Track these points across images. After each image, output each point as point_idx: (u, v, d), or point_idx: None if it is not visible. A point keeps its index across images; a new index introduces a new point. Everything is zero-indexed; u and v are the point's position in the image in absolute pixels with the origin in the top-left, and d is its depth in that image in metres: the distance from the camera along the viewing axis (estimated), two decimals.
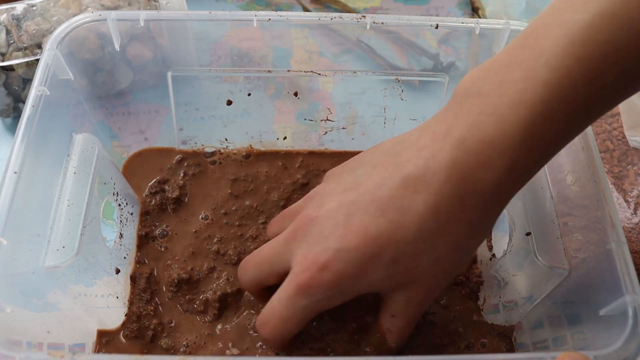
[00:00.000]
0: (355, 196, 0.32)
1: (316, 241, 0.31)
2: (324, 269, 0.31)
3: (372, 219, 0.30)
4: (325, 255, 0.31)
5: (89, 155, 0.39)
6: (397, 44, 0.50)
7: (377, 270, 0.31)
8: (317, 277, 0.31)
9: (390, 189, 0.31)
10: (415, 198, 0.30)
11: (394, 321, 0.34)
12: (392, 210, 0.30)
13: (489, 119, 0.29)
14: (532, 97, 0.28)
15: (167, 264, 0.42)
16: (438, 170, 0.29)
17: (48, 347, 0.34)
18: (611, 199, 0.34)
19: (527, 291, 0.39)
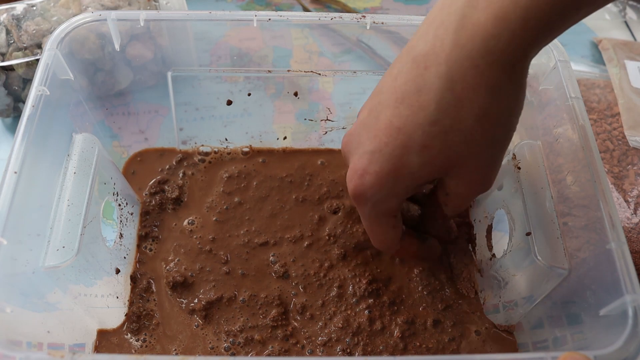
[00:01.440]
0: (379, 98, 0.32)
1: (354, 149, 0.33)
2: (364, 174, 0.32)
3: (394, 111, 0.30)
4: (362, 161, 0.32)
5: (89, 155, 0.39)
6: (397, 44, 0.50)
7: (413, 159, 0.31)
8: (360, 184, 0.32)
9: (404, 73, 0.30)
10: (427, 74, 0.29)
11: (447, 198, 0.35)
12: (410, 95, 0.30)
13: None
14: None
15: (167, 264, 0.42)
16: (445, 37, 0.28)
17: (48, 347, 0.34)
18: (611, 199, 0.34)
19: (527, 291, 0.39)
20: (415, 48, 0.30)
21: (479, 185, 0.33)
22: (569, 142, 0.37)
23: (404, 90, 0.30)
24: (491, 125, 0.30)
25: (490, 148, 0.31)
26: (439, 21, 0.29)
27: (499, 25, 0.27)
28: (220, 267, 0.42)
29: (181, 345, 0.39)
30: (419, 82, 0.29)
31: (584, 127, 0.37)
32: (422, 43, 0.29)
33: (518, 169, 0.40)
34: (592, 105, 0.52)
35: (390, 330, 0.39)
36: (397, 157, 0.31)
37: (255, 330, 0.39)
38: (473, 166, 0.32)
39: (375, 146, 0.31)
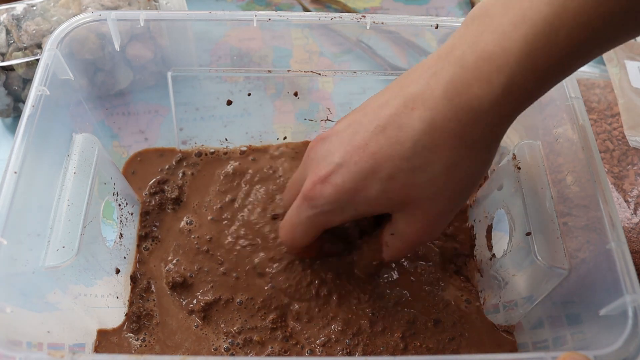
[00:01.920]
0: (361, 116, 0.33)
1: (323, 157, 0.34)
2: (325, 182, 0.33)
3: (372, 135, 0.32)
4: (328, 169, 0.33)
5: (89, 155, 0.39)
6: (397, 44, 0.50)
7: (374, 185, 0.32)
8: (319, 189, 0.33)
9: (391, 107, 0.32)
10: (413, 115, 0.31)
11: (392, 239, 0.36)
12: (391, 127, 0.31)
13: (491, 37, 0.29)
14: (535, 15, 0.28)
15: (166, 264, 0.42)
16: (436, 88, 0.30)
17: (48, 347, 0.34)
18: (611, 199, 0.34)
19: (527, 291, 0.39)
20: (408, 88, 0.32)
21: (427, 232, 0.35)
22: (569, 142, 0.37)
23: (388, 121, 0.32)
24: (458, 177, 0.32)
25: (449, 198, 0.33)
26: (434, 71, 0.31)
27: (483, 87, 0.29)
28: (217, 267, 0.42)
29: (181, 345, 0.39)
30: (403, 119, 0.31)
31: (584, 127, 0.37)
32: (415, 86, 0.31)
33: (518, 169, 0.40)
34: (592, 105, 0.52)
35: (391, 331, 0.39)
36: (362, 178, 0.32)
37: (254, 332, 0.39)
38: (428, 210, 0.33)
39: (344, 161, 0.33)
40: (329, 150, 0.34)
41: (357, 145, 0.32)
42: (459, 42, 0.31)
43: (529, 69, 0.29)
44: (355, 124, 0.33)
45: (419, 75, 0.32)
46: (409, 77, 0.33)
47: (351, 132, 0.33)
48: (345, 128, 0.34)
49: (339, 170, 0.33)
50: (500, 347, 0.40)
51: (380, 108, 0.32)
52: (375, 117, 0.32)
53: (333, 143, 0.34)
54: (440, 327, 0.40)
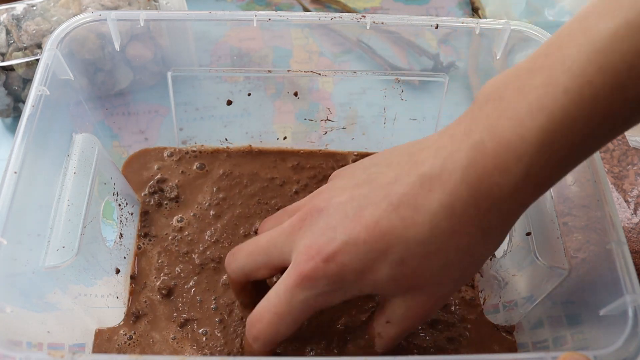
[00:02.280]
0: (368, 191, 0.31)
1: (322, 232, 0.30)
2: (329, 260, 0.30)
3: (384, 213, 0.30)
4: (332, 246, 0.30)
5: (89, 155, 0.39)
6: (397, 44, 0.50)
7: (383, 269, 0.30)
8: (321, 268, 0.30)
9: (405, 185, 0.30)
10: (430, 197, 0.29)
11: (387, 327, 0.33)
12: (406, 207, 0.29)
13: (508, 123, 0.28)
14: (551, 103, 0.27)
15: (164, 265, 0.42)
16: (454, 171, 0.29)
17: (48, 347, 0.34)
18: (611, 199, 0.34)
19: (527, 291, 0.39)
20: (422, 166, 0.30)
21: (425, 315, 0.32)
22: None
23: (401, 200, 0.30)
24: (469, 262, 0.31)
25: (455, 282, 0.32)
26: (449, 151, 0.30)
27: (503, 176, 0.28)
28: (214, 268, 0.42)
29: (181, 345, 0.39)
30: (419, 200, 0.29)
31: None
32: (430, 165, 0.30)
33: None
34: None
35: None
36: (371, 259, 0.30)
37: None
38: (433, 294, 0.31)
39: (351, 238, 0.30)
40: (329, 224, 0.30)
41: (365, 222, 0.30)
42: (474, 125, 0.29)
43: (547, 157, 0.28)
44: (360, 198, 0.31)
45: (432, 154, 0.30)
46: (420, 153, 0.31)
47: (357, 207, 0.30)
48: (347, 201, 0.31)
49: (345, 248, 0.30)
50: (500, 347, 0.40)
51: (391, 184, 0.30)
52: (385, 194, 0.30)
53: (333, 216, 0.31)
54: (439, 327, 0.40)
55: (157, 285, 0.41)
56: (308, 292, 0.31)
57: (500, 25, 0.41)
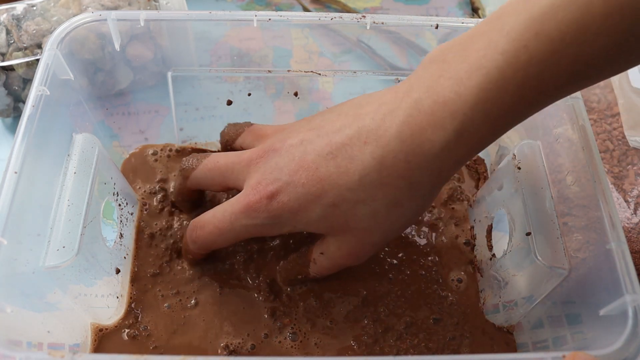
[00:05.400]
0: (315, 137, 0.34)
1: (271, 170, 0.34)
2: (271, 197, 0.34)
3: (323, 160, 0.33)
4: (276, 185, 0.34)
5: (89, 155, 0.39)
6: (397, 44, 0.50)
7: (316, 209, 0.33)
8: (264, 203, 0.34)
9: (345, 136, 0.33)
10: (364, 149, 0.32)
11: (321, 258, 0.37)
12: (342, 156, 0.33)
13: (447, 82, 0.30)
14: (489, 63, 0.29)
15: (167, 264, 0.42)
16: (390, 127, 0.31)
17: (48, 347, 0.34)
18: (611, 199, 0.34)
19: (527, 291, 0.39)
20: (363, 120, 0.33)
21: (355, 257, 0.36)
22: (569, 142, 0.37)
23: (339, 149, 0.33)
24: (397, 214, 0.33)
25: (384, 232, 0.35)
26: (390, 108, 0.32)
27: (436, 132, 0.30)
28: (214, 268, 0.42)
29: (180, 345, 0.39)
30: (355, 151, 0.32)
31: (584, 127, 0.37)
32: (370, 119, 0.32)
33: (518, 169, 0.40)
34: (592, 105, 0.52)
35: (392, 331, 0.39)
36: (306, 201, 0.33)
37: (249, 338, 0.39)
38: (361, 239, 0.35)
39: (292, 180, 0.34)
40: (278, 165, 0.34)
41: (306, 167, 0.33)
42: (416, 84, 0.31)
43: (482, 116, 0.30)
44: (307, 143, 0.34)
45: (375, 108, 0.33)
46: (365, 106, 0.33)
47: (303, 151, 0.34)
48: (297, 144, 0.34)
49: (286, 189, 0.34)
50: (500, 347, 0.40)
51: (334, 133, 0.33)
52: (328, 142, 0.33)
53: (283, 158, 0.34)
54: (439, 326, 0.40)
55: (157, 284, 0.41)
56: (250, 220, 0.35)
57: None
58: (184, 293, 0.41)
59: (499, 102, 0.29)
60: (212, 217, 0.37)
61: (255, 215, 0.35)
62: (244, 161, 0.36)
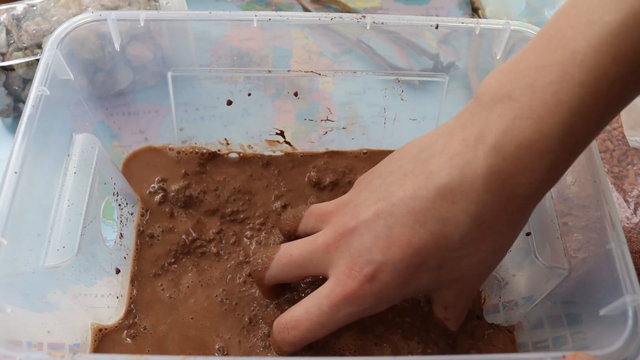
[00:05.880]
0: (391, 207, 0.32)
1: (359, 253, 0.32)
2: (372, 280, 0.32)
3: (412, 231, 0.31)
4: (372, 267, 0.32)
5: (89, 155, 0.39)
6: (397, 44, 0.50)
7: (423, 277, 0.32)
8: (366, 288, 0.32)
9: (426, 200, 0.31)
10: (454, 209, 0.30)
11: (448, 312, 0.36)
12: (432, 221, 0.30)
13: (526, 123, 0.29)
14: (569, 98, 0.28)
15: (167, 264, 0.42)
16: (475, 180, 0.29)
17: (48, 347, 0.34)
18: (611, 199, 0.34)
19: (527, 291, 0.39)
20: (439, 177, 0.30)
21: (472, 293, 0.36)
22: None
23: (427, 216, 0.31)
24: (501, 252, 0.33)
25: (491, 268, 0.34)
26: (466, 160, 0.30)
27: (527, 176, 0.29)
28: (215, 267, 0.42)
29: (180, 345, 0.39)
30: (443, 213, 0.30)
31: None
32: (447, 175, 0.30)
33: None
34: None
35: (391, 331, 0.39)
36: (410, 273, 0.32)
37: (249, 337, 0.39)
38: (475, 281, 0.34)
39: (388, 258, 0.31)
40: (364, 245, 0.32)
41: (397, 242, 0.31)
42: (486, 128, 0.29)
43: (569, 147, 0.29)
44: (385, 215, 0.32)
45: (446, 162, 0.30)
46: (432, 161, 0.31)
47: (384, 225, 0.32)
48: (374, 219, 0.32)
49: (385, 268, 0.32)
50: (500, 347, 0.40)
51: (411, 199, 0.31)
52: (409, 210, 0.31)
53: (365, 237, 0.32)
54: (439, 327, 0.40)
55: (157, 284, 0.41)
56: (355, 307, 0.33)
57: (500, 25, 0.41)
58: (184, 293, 0.41)
59: (584, 130, 0.29)
60: (305, 314, 0.34)
61: (361, 302, 0.33)
62: (321, 248, 0.34)
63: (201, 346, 0.39)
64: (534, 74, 0.29)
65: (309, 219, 0.38)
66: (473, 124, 0.30)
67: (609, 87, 0.28)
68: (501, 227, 0.31)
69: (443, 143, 0.31)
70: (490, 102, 0.30)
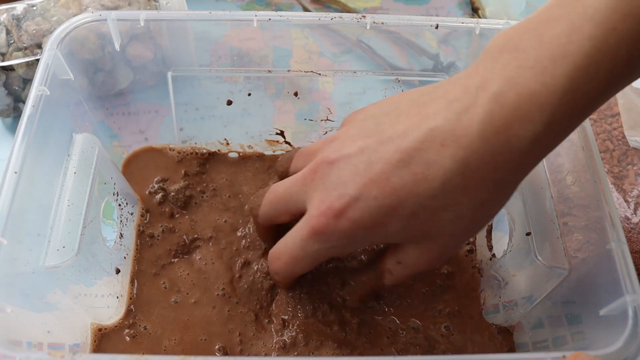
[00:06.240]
0: (377, 144, 0.31)
1: (334, 186, 0.31)
2: (340, 216, 0.30)
3: (394, 169, 0.30)
4: (342, 202, 0.30)
5: (89, 155, 0.39)
6: (397, 44, 0.50)
7: (395, 222, 0.30)
8: (332, 224, 0.31)
9: (415, 140, 0.29)
10: (442, 152, 0.29)
11: (398, 267, 0.34)
12: (417, 162, 0.29)
13: (529, 73, 0.28)
14: (576, 50, 0.27)
15: (167, 264, 0.42)
16: (469, 125, 0.28)
17: (48, 347, 0.34)
18: (611, 199, 0.34)
19: (527, 291, 0.39)
20: (433, 120, 0.29)
21: (437, 261, 0.33)
22: (569, 142, 0.37)
23: (412, 155, 0.29)
24: (481, 215, 0.31)
25: (467, 233, 0.33)
26: (465, 106, 0.29)
27: (525, 127, 0.28)
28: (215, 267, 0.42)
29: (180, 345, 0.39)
30: (431, 155, 0.29)
31: (584, 127, 0.37)
32: (443, 119, 0.29)
33: None
34: None
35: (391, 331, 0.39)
36: (382, 215, 0.30)
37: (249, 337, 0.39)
38: (445, 243, 0.32)
39: (362, 194, 0.30)
40: (340, 179, 0.31)
41: (375, 179, 0.30)
42: (490, 76, 0.29)
43: (571, 104, 0.28)
44: (370, 151, 0.30)
45: (444, 106, 0.30)
46: (430, 104, 0.30)
47: (366, 161, 0.30)
48: (357, 153, 0.31)
49: (356, 205, 0.30)
50: (500, 347, 0.40)
51: (401, 138, 0.30)
52: (395, 149, 0.30)
53: (344, 170, 0.31)
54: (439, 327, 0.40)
55: (157, 284, 0.41)
56: (321, 244, 0.32)
57: (500, 25, 0.41)
58: (184, 293, 0.41)
59: (589, 88, 0.28)
60: (284, 247, 0.34)
61: (326, 239, 0.31)
62: (299, 181, 0.33)
63: (201, 346, 0.39)
64: (544, 27, 0.29)
65: (299, 159, 0.36)
66: (477, 73, 0.30)
67: (617, 45, 0.27)
68: (486, 181, 0.29)
69: (445, 89, 0.31)
70: (497, 53, 0.29)
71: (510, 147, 0.28)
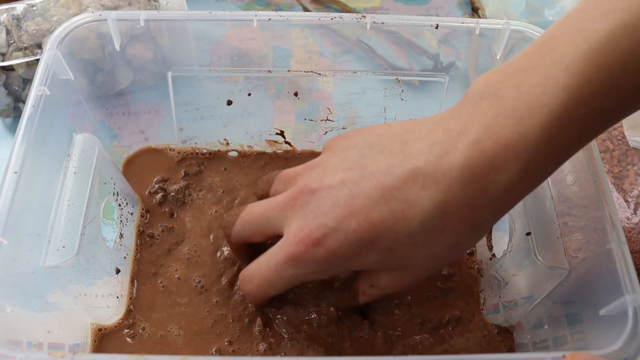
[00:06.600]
0: (359, 178, 0.31)
1: (314, 215, 0.32)
2: (317, 245, 0.31)
3: (375, 205, 0.30)
4: (321, 232, 0.31)
5: (89, 155, 0.39)
6: (397, 44, 0.50)
7: (371, 254, 0.31)
8: (310, 252, 0.32)
9: (397, 178, 0.30)
10: (422, 193, 0.30)
11: (371, 289, 0.35)
12: (397, 200, 0.30)
13: (507, 121, 0.29)
14: (551, 101, 0.28)
15: (167, 264, 0.42)
16: (449, 170, 0.29)
17: (48, 347, 0.34)
18: (611, 199, 0.34)
19: (527, 291, 0.39)
20: (415, 160, 0.30)
21: (408, 286, 0.34)
22: None
23: (393, 193, 0.30)
24: (456, 251, 0.32)
25: (440, 265, 0.34)
26: (445, 149, 0.30)
27: (500, 174, 0.29)
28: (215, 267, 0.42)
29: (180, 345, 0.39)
30: (411, 195, 0.30)
31: None
32: (424, 160, 0.30)
33: None
34: None
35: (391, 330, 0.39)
36: (359, 247, 0.31)
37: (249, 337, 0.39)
38: (418, 274, 0.33)
39: (341, 226, 0.31)
40: (320, 209, 0.31)
41: (355, 212, 0.31)
42: (470, 122, 0.30)
43: (546, 153, 0.29)
44: (351, 184, 0.31)
45: (426, 147, 0.30)
46: (413, 144, 0.31)
47: (347, 194, 0.31)
48: (339, 185, 0.32)
49: (335, 235, 0.31)
50: (500, 347, 0.40)
51: (383, 174, 0.31)
52: (377, 185, 0.30)
53: (325, 200, 0.32)
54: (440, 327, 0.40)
55: (157, 284, 0.41)
56: (297, 270, 0.33)
57: (500, 25, 0.41)
58: (184, 293, 0.41)
59: (563, 137, 0.29)
60: (257, 269, 0.35)
61: (303, 265, 0.32)
62: (279, 205, 0.34)
63: (201, 346, 0.39)
64: (522, 75, 0.29)
65: (279, 183, 0.37)
66: (459, 117, 0.30)
67: (591, 96, 0.28)
68: (463, 224, 0.30)
69: (428, 130, 0.31)
70: (478, 99, 0.30)
71: (487, 192, 0.29)
